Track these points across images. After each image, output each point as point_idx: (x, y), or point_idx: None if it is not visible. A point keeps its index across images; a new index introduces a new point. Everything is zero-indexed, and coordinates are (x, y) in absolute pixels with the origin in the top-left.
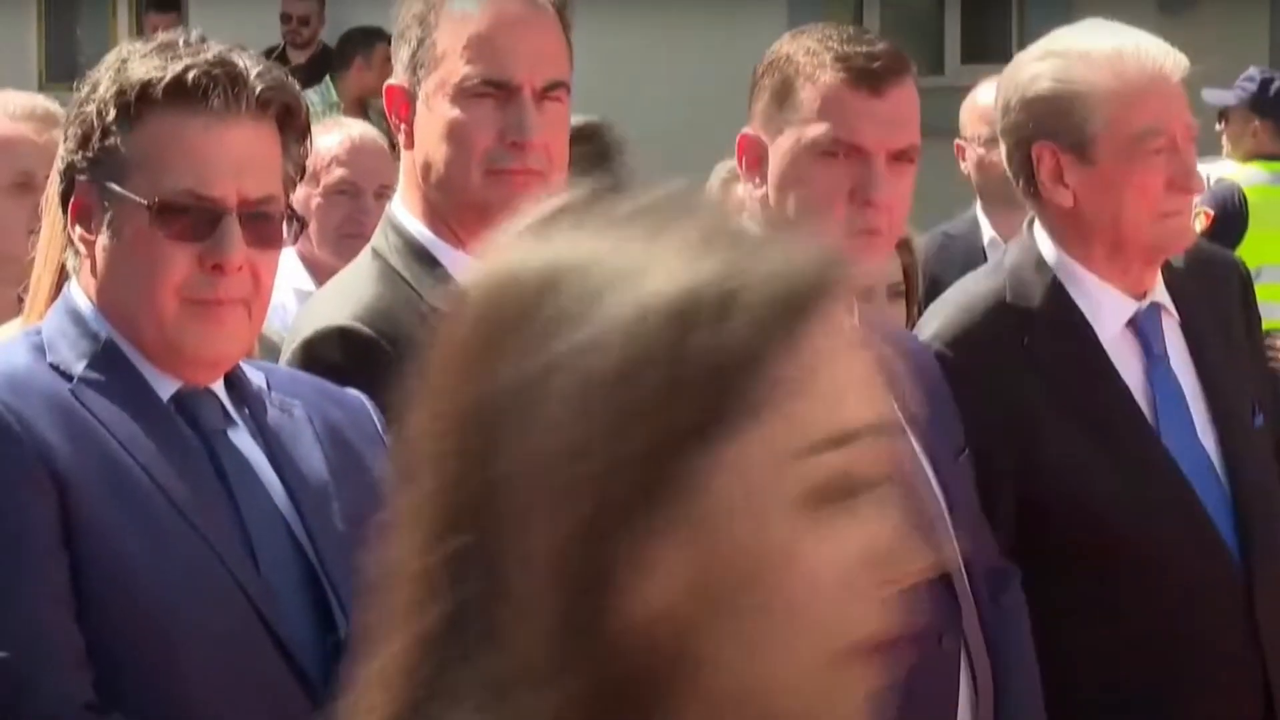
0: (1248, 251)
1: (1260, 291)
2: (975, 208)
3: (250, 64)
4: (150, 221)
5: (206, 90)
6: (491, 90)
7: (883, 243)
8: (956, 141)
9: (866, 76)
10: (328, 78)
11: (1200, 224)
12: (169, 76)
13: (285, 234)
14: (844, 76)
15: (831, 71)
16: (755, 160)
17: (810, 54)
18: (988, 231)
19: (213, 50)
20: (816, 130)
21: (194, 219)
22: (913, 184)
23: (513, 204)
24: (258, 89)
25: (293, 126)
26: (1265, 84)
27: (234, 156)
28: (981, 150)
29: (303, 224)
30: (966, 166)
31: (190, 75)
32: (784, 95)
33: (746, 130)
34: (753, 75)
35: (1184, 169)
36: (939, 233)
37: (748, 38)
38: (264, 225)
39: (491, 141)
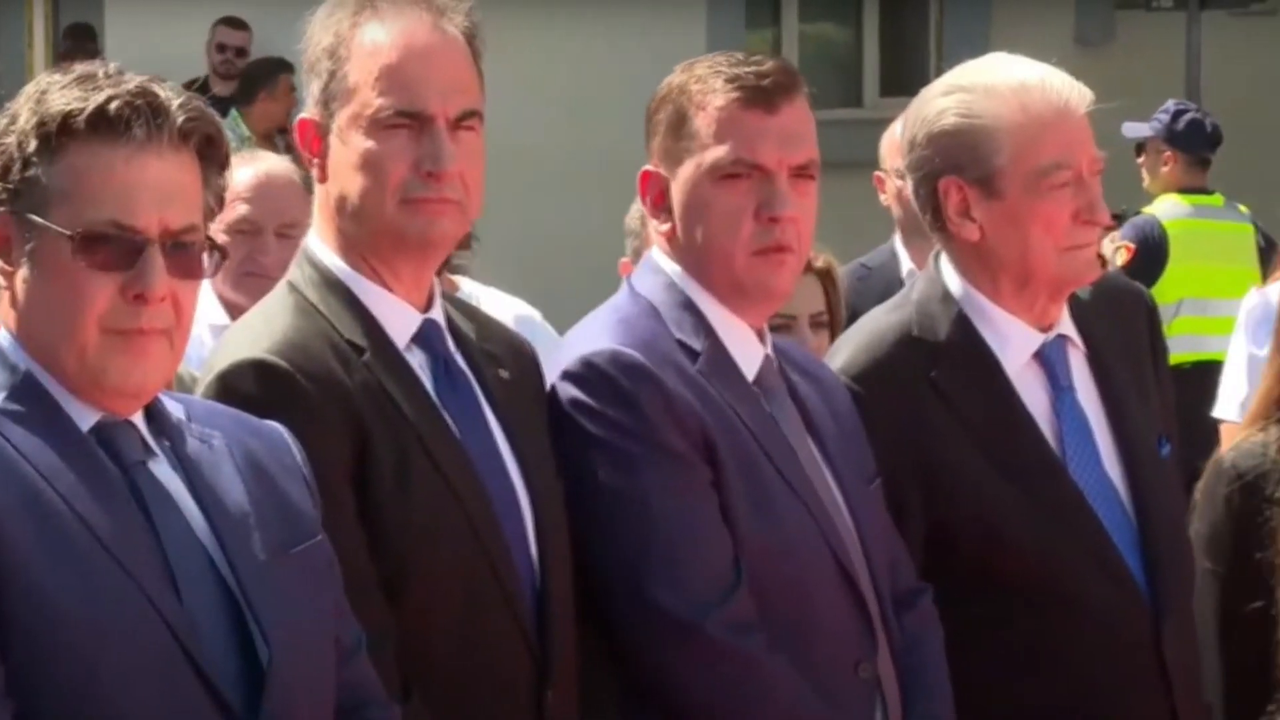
0: (1169, 285)
1: (1181, 324)
2: (894, 239)
3: (171, 95)
4: (73, 252)
5: (129, 121)
6: (405, 121)
7: (793, 259)
8: (876, 173)
9: (759, 95)
10: (234, 111)
11: (1122, 258)
12: (91, 107)
13: (206, 265)
14: (737, 97)
15: (724, 94)
16: (659, 195)
17: (700, 81)
18: (906, 263)
19: (133, 81)
20: (716, 153)
21: (116, 249)
22: (816, 200)
23: (429, 234)
24: (179, 119)
25: (213, 157)
26: (1176, 115)
27: (156, 187)
28: (900, 182)
29: (224, 254)
30: (886, 198)
31: (112, 106)
32: (679, 125)
33: (647, 167)
34: (646, 113)
35: (1090, 202)
36: (857, 265)
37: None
38: (185, 256)
39: (406, 172)
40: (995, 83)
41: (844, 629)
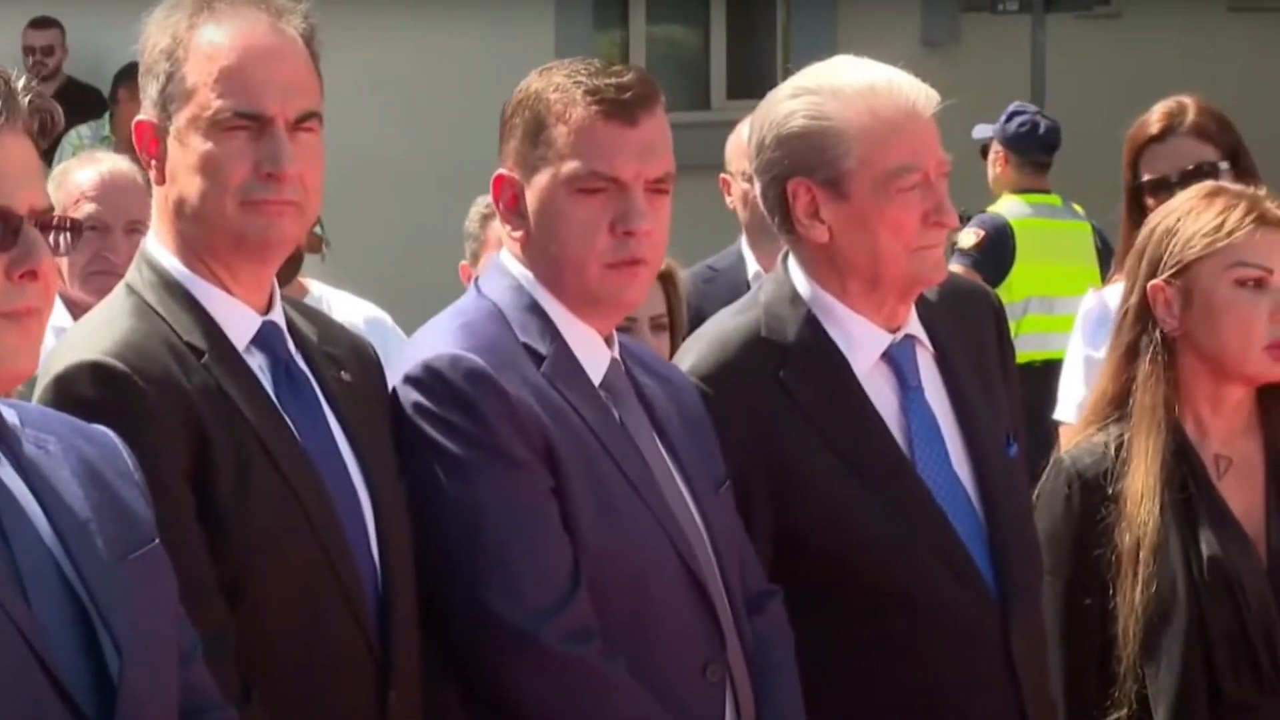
0: (1016, 283)
1: (1029, 323)
2: (740, 242)
3: (13, 76)
4: None
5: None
6: (244, 123)
7: (646, 272)
8: (722, 175)
9: (619, 108)
10: (107, 114)
11: (969, 240)
12: None
13: (63, 244)
14: (596, 110)
15: (583, 106)
16: (513, 200)
17: (560, 90)
18: (753, 265)
19: None
20: (573, 166)
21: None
22: (670, 212)
23: (269, 235)
24: (27, 99)
25: (43, 141)
26: (1011, 118)
27: (18, 166)
28: (746, 185)
29: (77, 230)
30: (732, 201)
31: None
32: (537, 132)
33: (501, 170)
34: (501, 116)
35: (937, 204)
36: (703, 267)
37: (517, 73)
38: (51, 235)
39: (246, 174)
40: (843, 85)
41: (691, 632)
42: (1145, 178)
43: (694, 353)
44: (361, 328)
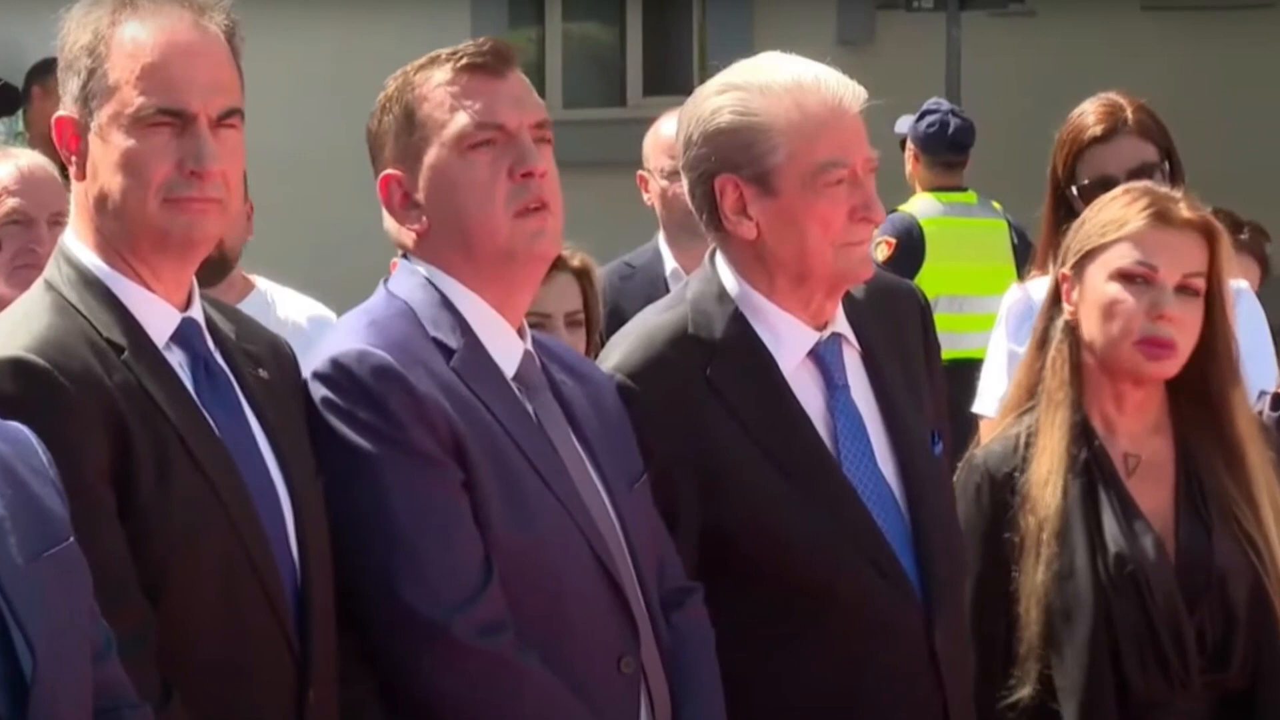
0: (925, 282)
1: (938, 322)
2: (658, 238)
3: None
4: None
5: None
6: (167, 119)
7: (553, 220)
8: (639, 173)
9: (483, 63)
10: (20, 111)
11: (882, 253)
12: None
13: None
14: (463, 69)
15: (449, 70)
16: (403, 197)
17: (418, 72)
18: (670, 262)
19: None
20: (456, 125)
21: None
22: (554, 165)
23: (191, 233)
24: None
25: None
26: (921, 117)
27: None
28: (664, 182)
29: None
30: (649, 198)
31: None
32: (409, 121)
33: (384, 172)
34: (369, 133)
35: (865, 200)
36: (621, 263)
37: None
38: None
39: (170, 171)
40: (771, 81)
41: (604, 625)
42: (1086, 180)
43: (620, 349)
44: (305, 326)
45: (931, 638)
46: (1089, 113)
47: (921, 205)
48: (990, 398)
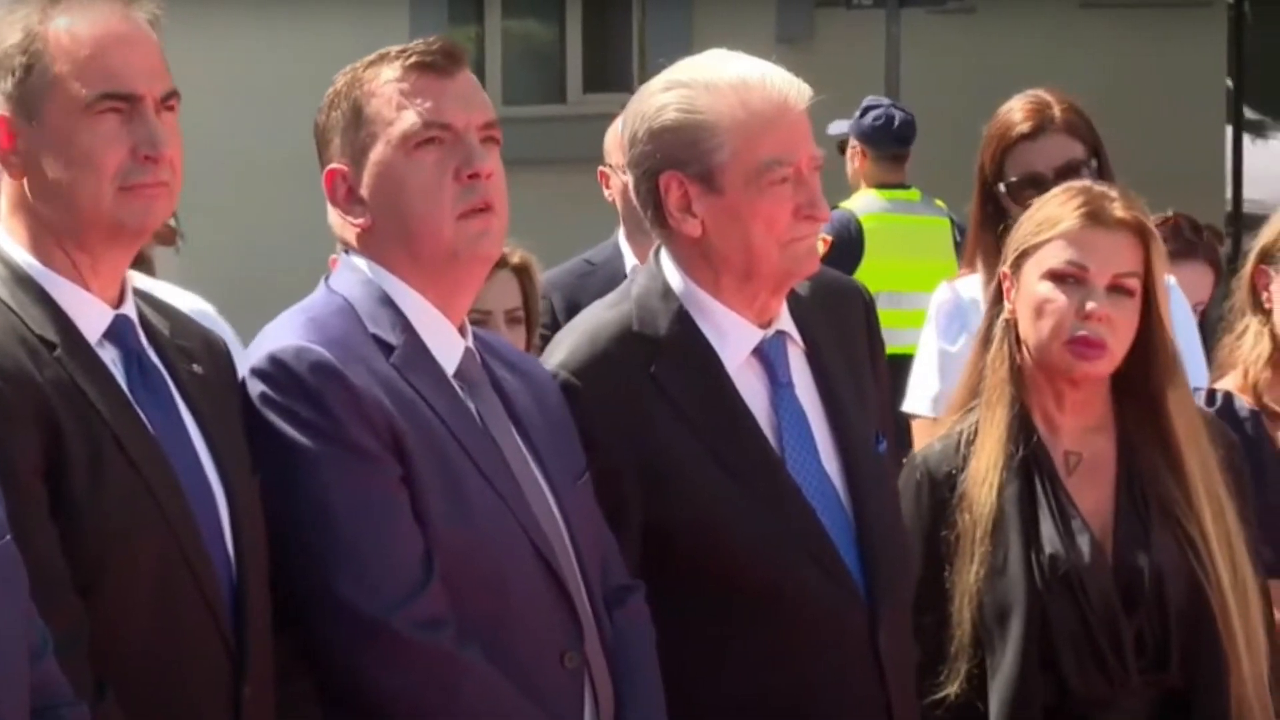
0: (863, 279)
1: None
2: (618, 235)
3: None
4: None
5: None
6: (115, 105)
7: (497, 222)
8: (600, 169)
9: (432, 62)
10: None
11: (819, 250)
12: None
13: None
14: (412, 68)
15: (398, 68)
16: (348, 191)
17: (367, 69)
18: (630, 259)
19: None
20: (404, 124)
21: None
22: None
23: (146, 220)
24: None
25: None
26: (865, 112)
27: None
28: (625, 177)
29: None
30: (610, 194)
31: None
32: (356, 117)
33: (332, 166)
34: (315, 126)
35: (809, 198)
36: (581, 261)
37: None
38: None
39: (125, 157)
40: (716, 79)
41: (548, 621)
42: (1014, 176)
43: (565, 346)
44: None
45: (875, 636)
46: (1016, 110)
47: (864, 201)
48: (919, 396)
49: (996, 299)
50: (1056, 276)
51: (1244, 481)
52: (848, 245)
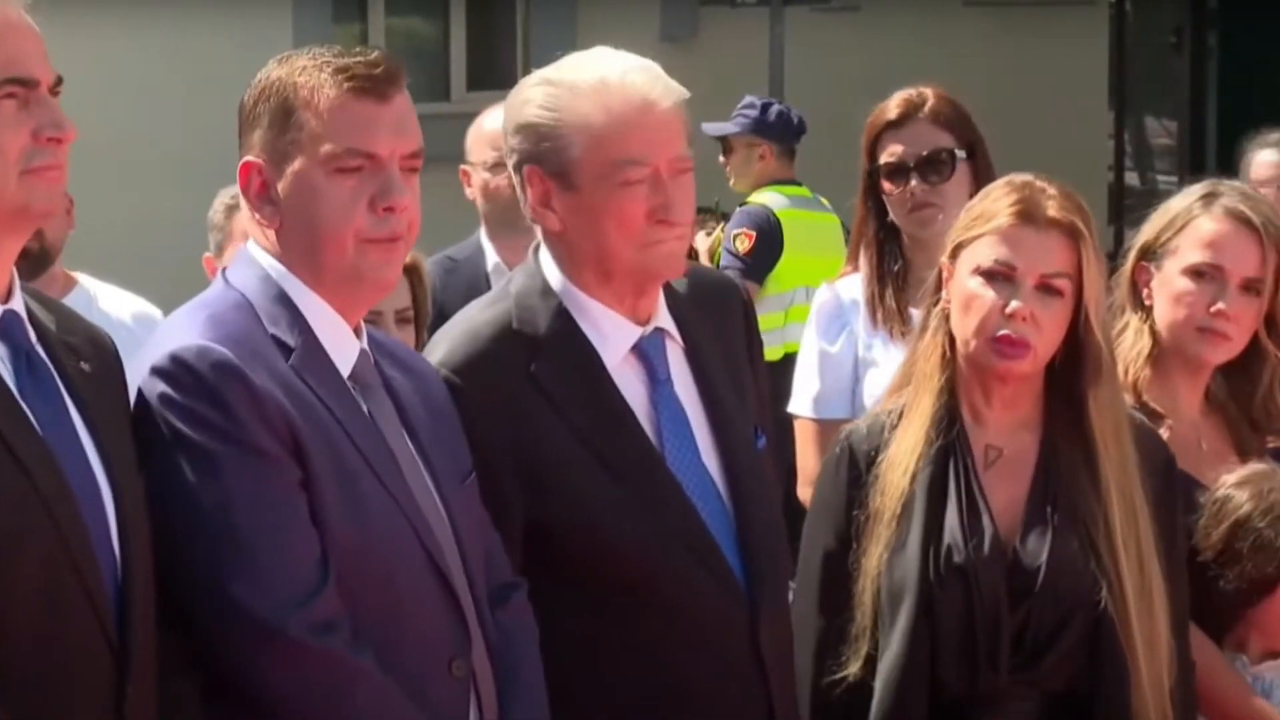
0: (786, 273)
1: (796, 312)
2: (480, 233)
3: None
4: None
5: None
6: (13, 89)
7: (404, 249)
8: (462, 167)
9: (371, 85)
10: None
11: (743, 245)
12: None
13: None
14: (348, 88)
15: (334, 86)
16: (261, 187)
17: (306, 73)
18: (492, 257)
19: None
20: (329, 147)
21: None
22: (419, 191)
23: (49, 205)
24: None
25: None
26: (765, 107)
27: None
28: (487, 175)
29: None
30: (471, 192)
31: None
32: (285, 119)
33: (248, 158)
34: (241, 107)
35: (665, 202)
36: (443, 257)
37: (255, 66)
38: None
39: (26, 141)
40: (579, 78)
41: (437, 626)
42: (881, 161)
43: (444, 345)
44: (129, 323)
45: (756, 633)
46: (892, 99)
47: (770, 198)
48: (803, 397)
49: (935, 288)
50: (985, 274)
51: (1174, 492)
52: (770, 239)
